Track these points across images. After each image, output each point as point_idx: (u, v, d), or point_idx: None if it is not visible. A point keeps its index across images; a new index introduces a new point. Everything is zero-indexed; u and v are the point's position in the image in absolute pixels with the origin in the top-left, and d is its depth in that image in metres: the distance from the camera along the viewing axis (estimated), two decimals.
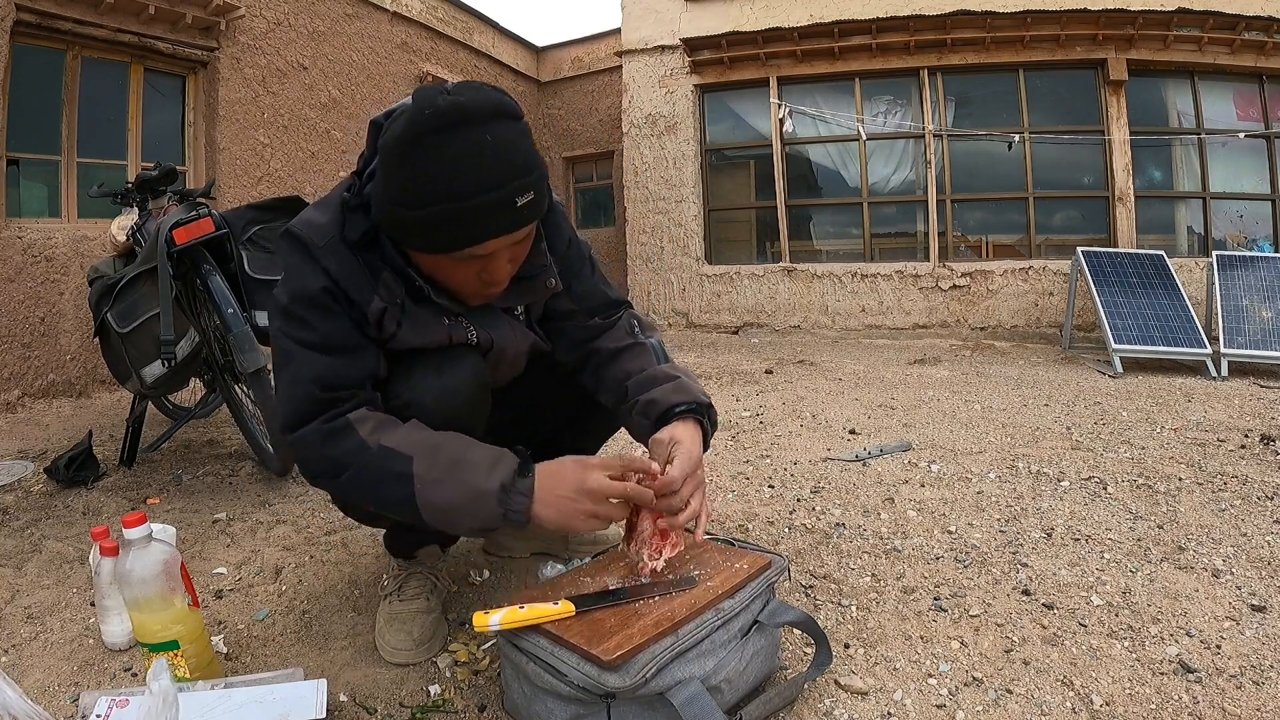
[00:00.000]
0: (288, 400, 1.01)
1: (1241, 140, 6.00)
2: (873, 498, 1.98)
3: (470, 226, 0.93)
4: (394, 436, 0.98)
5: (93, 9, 3.96)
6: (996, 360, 4.83)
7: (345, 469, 0.98)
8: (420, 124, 0.90)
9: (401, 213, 0.94)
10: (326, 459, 0.99)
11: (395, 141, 0.92)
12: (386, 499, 0.98)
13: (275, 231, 2.24)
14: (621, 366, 1.22)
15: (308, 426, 0.99)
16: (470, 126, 0.90)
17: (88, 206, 4.10)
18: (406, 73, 6.45)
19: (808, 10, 6.43)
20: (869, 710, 1.04)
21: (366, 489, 0.99)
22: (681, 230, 7.04)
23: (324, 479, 1.02)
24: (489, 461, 0.97)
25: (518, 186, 0.93)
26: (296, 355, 1.01)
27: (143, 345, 2.05)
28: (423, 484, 0.95)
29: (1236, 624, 1.25)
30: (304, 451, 1.01)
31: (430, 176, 0.90)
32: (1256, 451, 2.38)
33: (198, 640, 1.09)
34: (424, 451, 0.96)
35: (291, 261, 1.04)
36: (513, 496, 0.95)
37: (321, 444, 0.98)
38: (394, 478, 0.95)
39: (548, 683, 0.91)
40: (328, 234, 1.02)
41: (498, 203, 0.92)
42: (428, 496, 0.95)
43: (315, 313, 1.01)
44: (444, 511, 0.96)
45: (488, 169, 0.91)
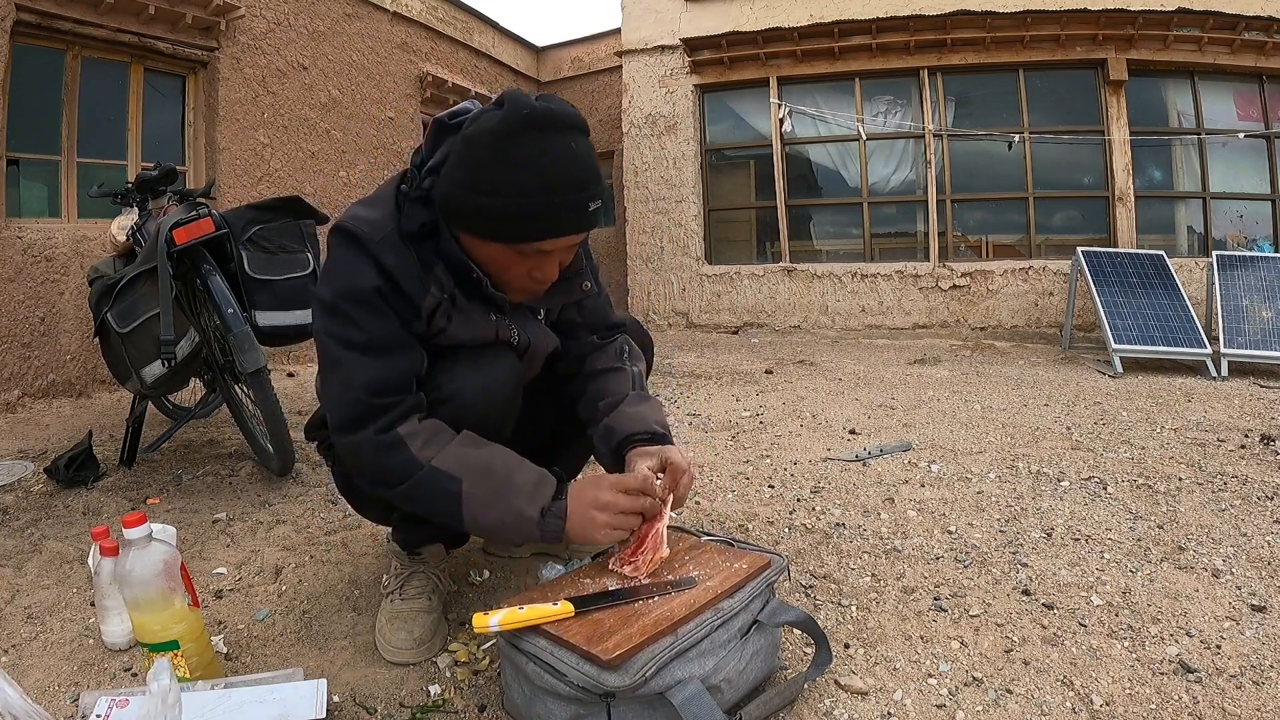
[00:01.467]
0: (338, 404, 1.05)
1: (1241, 140, 6.00)
2: (873, 498, 1.98)
3: (548, 222, 0.99)
4: (444, 456, 1.03)
5: (93, 9, 3.96)
6: (996, 360, 4.83)
7: (399, 482, 1.03)
8: (517, 121, 0.95)
9: (484, 200, 0.98)
10: (382, 469, 1.03)
11: (488, 134, 0.96)
12: (436, 513, 1.05)
13: (275, 231, 2.24)
14: (601, 386, 1.27)
15: (362, 433, 1.02)
16: (561, 132, 0.98)
17: (88, 206, 4.09)
18: (406, 73, 6.45)
19: (808, 10, 6.43)
20: (869, 710, 1.04)
21: (419, 502, 1.05)
22: (681, 230, 7.03)
23: (381, 487, 1.06)
24: (531, 486, 1.04)
25: (594, 192, 1.01)
26: (344, 359, 1.04)
27: (143, 345, 2.05)
28: (470, 504, 1.01)
29: (1236, 624, 1.25)
30: (359, 458, 1.05)
31: (521, 171, 0.96)
32: (1256, 451, 2.38)
33: (198, 640, 1.09)
34: (471, 474, 1.02)
35: (342, 257, 1.04)
36: (549, 520, 1.02)
37: (376, 455, 1.03)
38: (445, 496, 1.02)
39: (548, 683, 0.91)
40: (383, 229, 1.04)
41: (576, 204, 1.00)
42: (474, 515, 1.02)
43: (364, 312, 1.03)
44: (488, 529, 1.05)
45: (573, 172, 0.98)
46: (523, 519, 1.01)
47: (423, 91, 6.61)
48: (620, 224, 7.53)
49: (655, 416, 1.22)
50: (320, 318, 1.06)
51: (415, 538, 1.30)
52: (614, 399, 1.24)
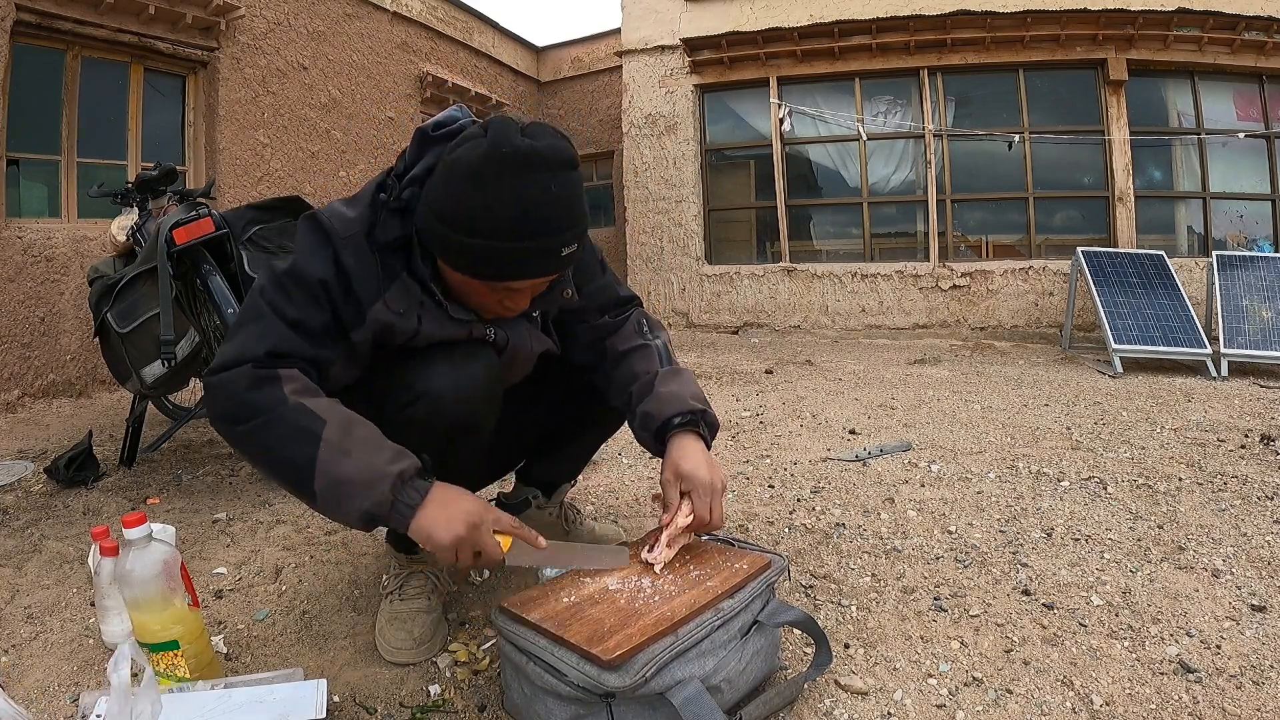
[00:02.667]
0: (235, 348, 1.00)
1: (1241, 140, 6.00)
2: (873, 498, 1.98)
3: (515, 265, 0.98)
4: (314, 401, 0.98)
5: (93, 9, 3.96)
6: (996, 360, 4.83)
7: (256, 415, 0.95)
8: (494, 159, 0.93)
9: (452, 235, 0.97)
10: (240, 402, 0.96)
11: (464, 167, 0.95)
12: (286, 456, 0.95)
13: (275, 231, 2.24)
14: (629, 368, 1.24)
15: (237, 369, 0.97)
16: (541, 171, 0.94)
17: (88, 206, 4.09)
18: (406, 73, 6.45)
19: (808, 10, 6.43)
20: (869, 710, 1.04)
21: (269, 440, 0.96)
22: (681, 230, 7.04)
23: (229, 423, 0.98)
24: (396, 451, 0.98)
25: (568, 237, 0.99)
26: (266, 318, 1.01)
27: (143, 345, 2.05)
28: (327, 448, 0.94)
29: (1236, 624, 1.25)
30: (223, 391, 0.98)
31: (491, 212, 0.94)
32: (1256, 451, 2.38)
33: (198, 640, 1.09)
34: (337, 422, 0.96)
35: (306, 241, 1.04)
36: (407, 489, 0.95)
37: (246, 387, 0.96)
38: (301, 434, 0.94)
39: (548, 683, 0.91)
40: (352, 229, 1.04)
41: (546, 250, 0.98)
42: (328, 463, 0.93)
43: (303, 296, 1.01)
44: (337, 483, 0.94)
45: (546, 218, 0.96)
46: (381, 477, 0.94)
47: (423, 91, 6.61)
48: (620, 224, 7.53)
49: (690, 391, 1.20)
50: (264, 279, 1.05)
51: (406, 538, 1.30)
52: (645, 380, 1.22)
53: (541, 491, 1.55)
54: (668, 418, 1.16)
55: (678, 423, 1.16)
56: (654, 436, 1.18)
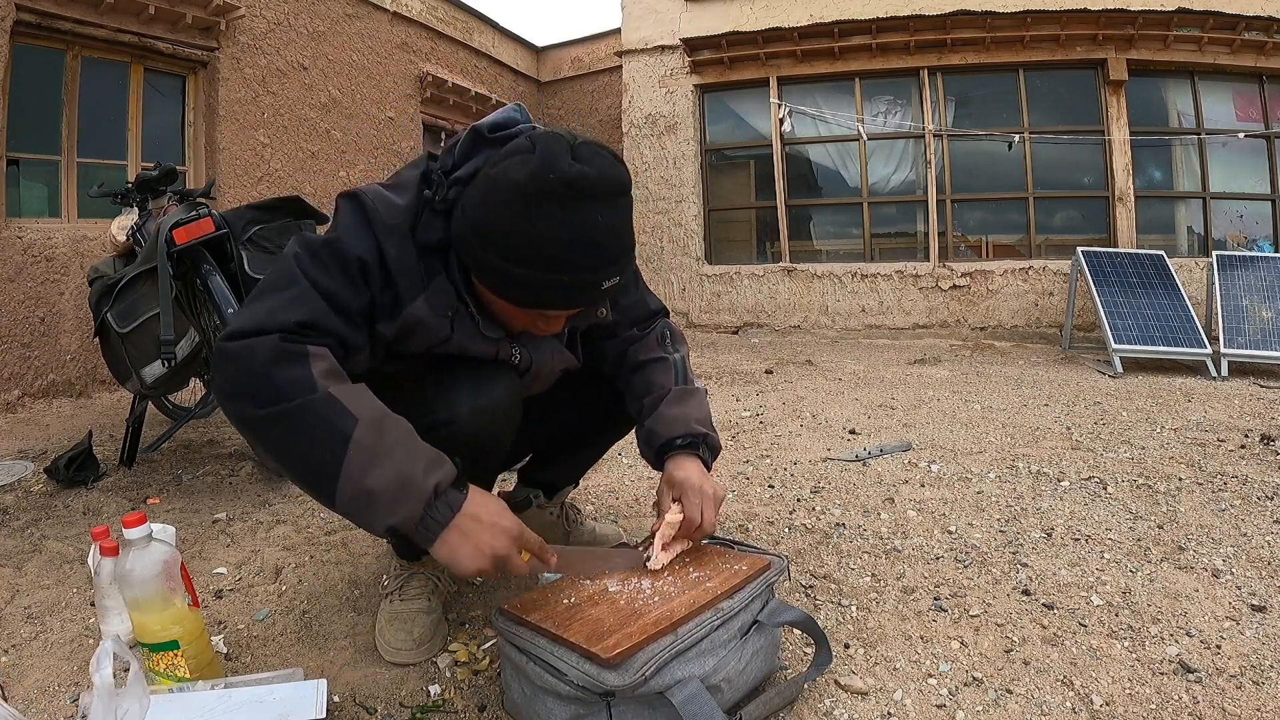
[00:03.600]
0: (260, 313, 0.90)
1: (1241, 140, 5.99)
2: (873, 498, 1.98)
3: (553, 295, 0.94)
4: (345, 390, 0.88)
5: (93, 9, 3.96)
6: (996, 360, 4.83)
7: (280, 400, 0.85)
8: (541, 184, 0.88)
9: (488, 257, 0.93)
10: (264, 381, 0.85)
11: (508, 187, 0.89)
12: (310, 455, 0.86)
13: (275, 231, 2.24)
14: (646, 379, 1.25)
15: (261, 337, 0.87)
16: (589, 202, 0.89)
17: (88, 206, 4.09)
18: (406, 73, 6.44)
19: (808, 10, 6.43)
20: (869, 710, 1.04)
21: (293, 433, 0.86)
22: (681, 230, 7.03)
23: (248, 402, 0.86)
24: (431, 458, 0.90)
25: (611, 271, 0.95)
26: (300, 285, 0.92)
27: (143, 345, 2.05)
28: (357, 453, 0.85)
29: (1236, 624, 1.25)
30: (243, 362, 0.86)
31: (532, 243, 0.89)
32: (1256, 451, 2.38)
33: (198, 640, 1.09)
34: (370, 421, 0.87)
35: (349, 220, 0.98)
36: (439, 505, 0.89)
37: (269, 361, 0.85)
38: (329, 433, 0.85)
39: (548, 682, 0.91)
40: (397, 219, 0.98)
41: (587, 284, 0.94)
42: (356, 471, 0.85)
43: (340, 272, 0.94)
44: (367, 494, 0.85)
45: (590, 253, 0.91)
46: (414, 490, 0.86)
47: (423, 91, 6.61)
48: None
49: (697, 415, 1.20)
50: (298, 248, 0.96)
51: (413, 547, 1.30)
52: (657, 395, 1.22)
53: (543, 491, 1.55)
54: (670, 438, 1.17)
55: (679, 444, 1.17)
56: (655, 454, 1.19)
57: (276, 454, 0.90)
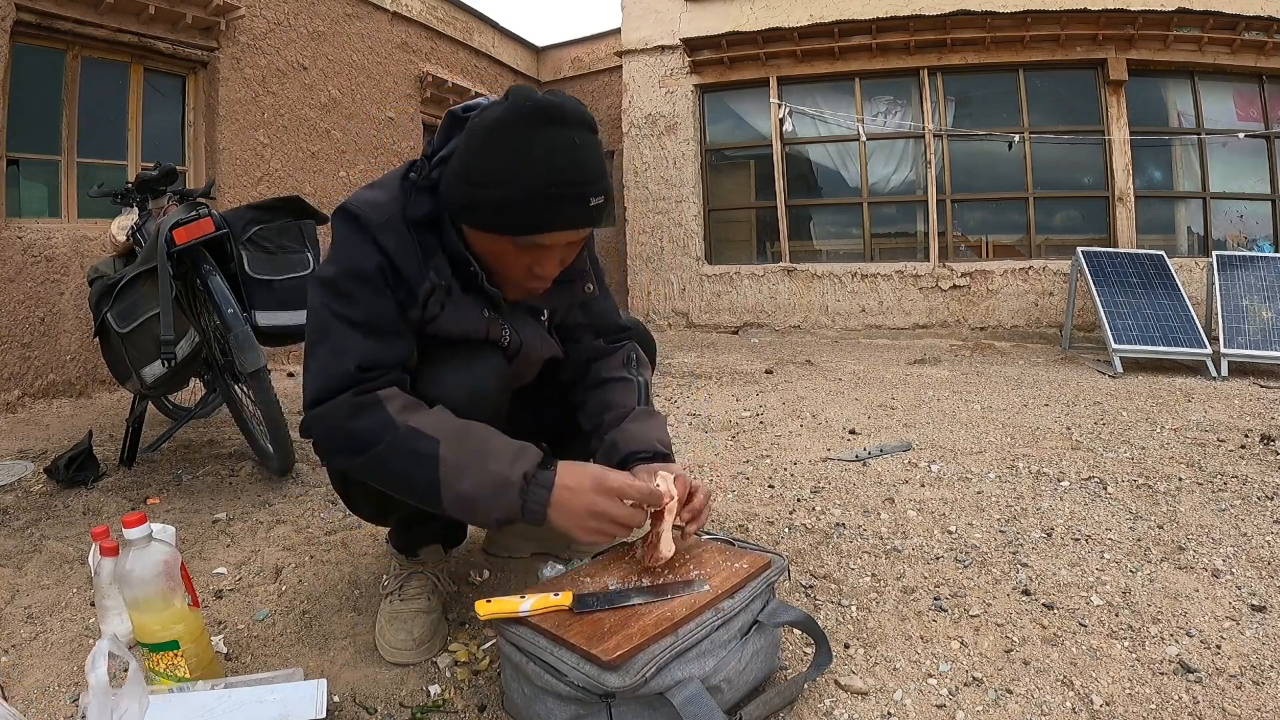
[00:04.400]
0: (322, 374, 0.99)
1: (1241, 140, 6.00)
2: (873, 498, 1.98)
3: (546, 213, 0.97)
4: (422, 418, 0.98)
5: (93, 9, 3.96)
6: (996, 360, 4.83)
7: (370, 446, 0.96)
8: (520, 112, 0.95)
9: (481, 192, 0.97)
10: (351, 434, 0.96)
11: (491, 125, 0.96)
12: (410, 481, 0.97)
13: (275, 231, 2.24)
14: (606, 396, 1.26)
15: (337, 399, 0.97)
16: (563, 126, 0.96)
17: (88, 206, 4.09)
18: (406, 73, 6.44)
19: (808, 10, 6.43)
20: (869, 710, 1.04)
21: (390, 469, 0.97)
22: (681, 230, 7.04)
23: (344, 455, 0.99)
24: (513, 452, 0.99)
25: (595, 188, 0.99)
26: (336, 331, 1.00)
27: (143, 345, 2.05)
28: (448, 468, 0.95)
29: (1236, 624, 1.25)
30: (328, 424, 0.98)
31: (520, 161, 0.95)
32: (1256, 451, 2.38)
33: (198, 640, 1.09)
34: (451, 436, 0.97)
35: (346, 237, 1.03)
36: (533, 490, 0.97)
37: (349, 417, 0.96)
38: (420, 460, 0.95)
39: (548, 683, 0.91)
40: (386, 212, 1.03)
41: (575, 197, 0.97)
42: (451, 482, 0.95)
43: (365, 290, 1.01)
44: (467, 498, 0.96)
45: (573, 165, 0.96)
46: (505, 484, 0.96)
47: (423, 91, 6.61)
48: (620, 224, 7.53)
49: (659, 435, 1.21)
50: (319, 293, 1.03)
51: (413, 540, 1.30)
52: (619, 412, 1.22)
53: None
54: (632, 451, 1.16)
55: (643, 457, 1.16)
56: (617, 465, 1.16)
57: (386, 488, 1.01)
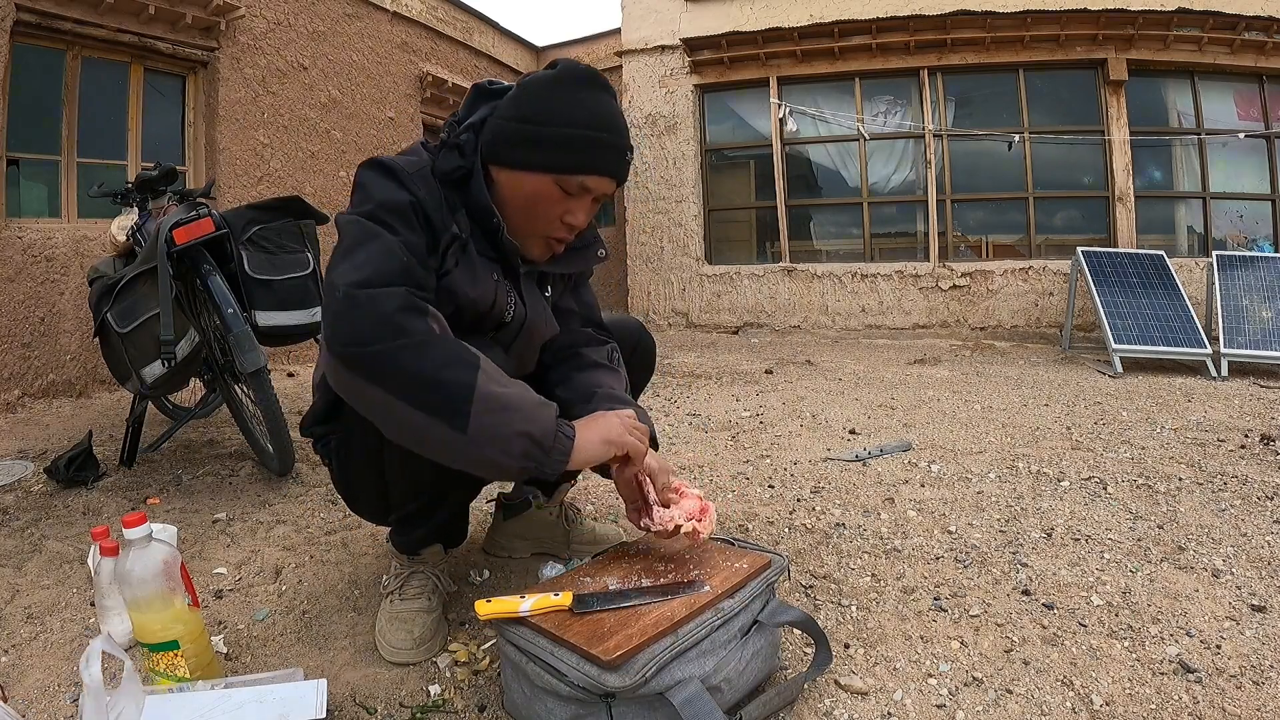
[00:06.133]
0: (373, 263, 0.96)
1: (1241, 140, 6.00)
2: (873, 498, 1.98)
3: (593, 154, 1.07)
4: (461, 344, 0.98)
5: (93, 9, 3.96)
6: (996, 360, 4.83)
7: (410, 338, 0.92)
8: (575, 73, 1.08)
9: (534, 129, 1.06)
10: (396, 323, 0.92)
11: (548, 78, 1.08)
12: (442, 379, 0.91)
13: (275, 231, 2.24)
14: (598, 377, 1.27)
15: (391, 288, 0.94)
16: (606, 92, 1.10)
17: (88, 206, 4.09)
18: (406, 73, 6.44)
19: (808, 10, 6.43)
20: (869, 710, 1.04)
21: (421, 361, 0.91)
22: (681, 230, 7.04)
23: (366, 343, 0.91)
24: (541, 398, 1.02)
25: (629, 144, 1.12)
26: (387, 238, 1.00)
27: (143, 345, 2.05)
28: (486, 377, 0.94)
29: (1236, 624, 1.25)
30: (375, 308, 0.92)
31: (574, 107, 1.06)
32: (1256, 451, 2.38)
33: (198, 640, 1.09)
34: (487, 364, 0.97)
35: (376, 179, 1.06)
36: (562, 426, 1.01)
37: (400, 310, 0.93)
38: (461, 361, 0.93)
39: (548, 683, 0.91)
40: (415, 165, 1.09)
41: (617, 145, 1.09)
42: (490, 388, 0.93)
43: (400, 221, 1.03)
44: (502, 406, 0.93)
45: (615, 121, 1.09)
46: (542, 403, 0.99)
47: (423, 91, 6.61)
48: (620, 224, 7.52)
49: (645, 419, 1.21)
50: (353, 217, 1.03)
51: (414, 539, 1.30)
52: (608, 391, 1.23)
53: (542, 491, 1.55)
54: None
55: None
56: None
57: (401, 389, 0.92)
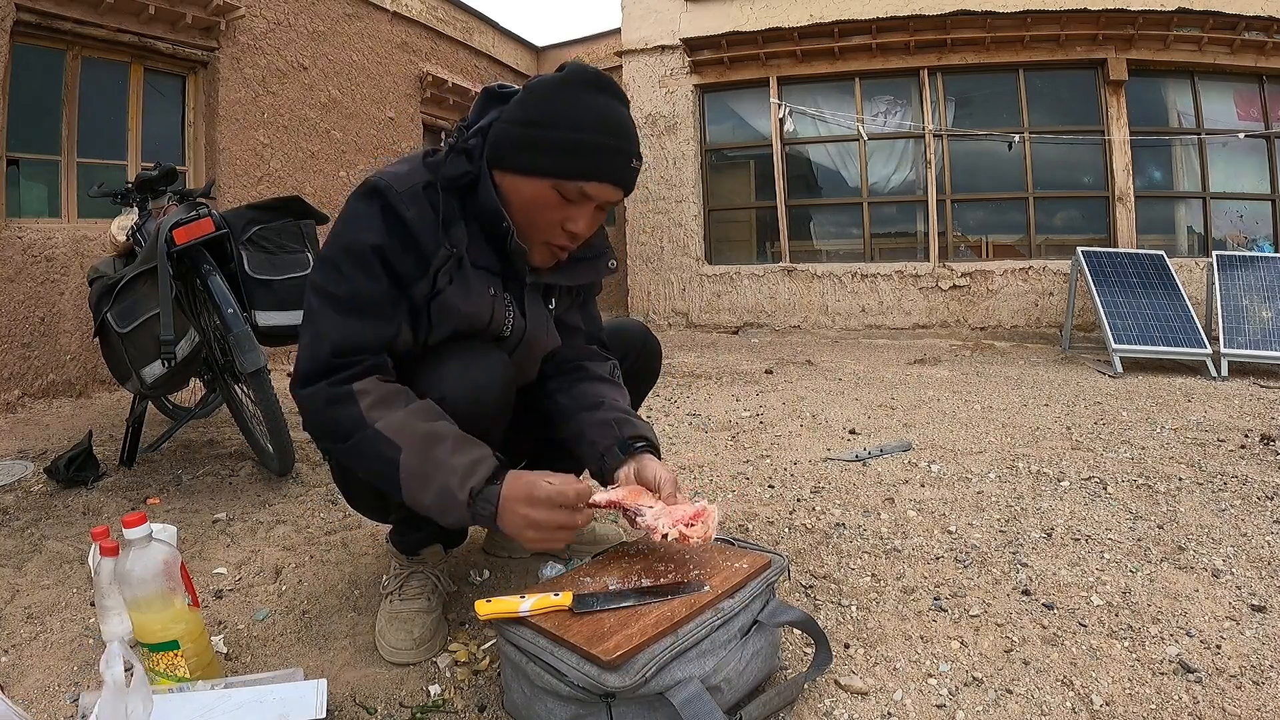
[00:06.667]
0: (305, 358, 1.05)
1: (1241, 140, 5.99)
2: (873, 498, 1.98)
3: (596, 161, 1.05)
4: (389, 421, 1.00)
5: (93, 9, 3.96)
6: (996, 360, 4.83)
7: (344, 439, 1.02)
8: (582, 76, 1.06)
9: (538, 132, 1.04)
10: (329, 422, 1.02)
11: (555, 81, 1.06)
12: (378, 479, 1.03)
13: (275, 231, 2.24)
14: (602, 390, 1.27)
15: (315, 386, 1.02)
16: (614, 96, 1.08)
17: (88, 206, 4.09)
18: (406, 73, 6.44)
19: (808, 10, 6.43)
20: (869, 710, 1.04)
21: (360, 465, 1.04)
22: (681, 230, 7.04)
23: (326, 440, 1.06)
24: (465, 467, 1.00)
25: (636, 151, 1.09)
26: (320, 314, 1.05)
27: (143, 345, 2.05)
28: (407, 475, 0.99)
29: (1236, 624, 1.25)
30: (308, 411, 1.04)
31: (580, 111, 1.04)
32: (1256, 451, 2.38)
33: (198, 640, 1.09)
34: (412, 444, 1.00)
35: (355, 211, 1.07)
36: (479, 504, 1.00)
37: (325, 406, 1.02)
38: (383, 463, 1.00)
39: (548, 683, 0.91)
40: (408, 181, 1.07)
41: (622, 153, 1.07)
42: (409, 489, 1.00)
43: (355, 268, 1.04)
44: (424, 508, 1.01)
45: (622, 127, 1.07)
46: (453, 500, 0.99)
47: (423, 91, 6.61)
48: (620, 224, 7.52)
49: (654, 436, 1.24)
50: (315, 268, 1.10)
51: (414, 539, 1.30)
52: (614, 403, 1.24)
53: None
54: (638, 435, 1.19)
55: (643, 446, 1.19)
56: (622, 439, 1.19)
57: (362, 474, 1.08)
